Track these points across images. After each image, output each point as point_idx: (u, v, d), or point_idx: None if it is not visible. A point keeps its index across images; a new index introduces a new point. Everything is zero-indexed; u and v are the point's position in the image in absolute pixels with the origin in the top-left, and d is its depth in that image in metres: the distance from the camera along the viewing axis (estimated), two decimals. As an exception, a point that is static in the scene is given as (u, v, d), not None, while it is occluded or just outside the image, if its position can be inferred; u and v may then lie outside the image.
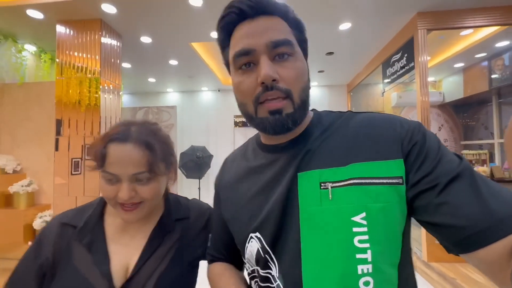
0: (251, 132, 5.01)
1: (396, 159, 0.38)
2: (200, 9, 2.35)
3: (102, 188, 0.51)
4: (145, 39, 2.99)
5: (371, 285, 0.35)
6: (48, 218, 2.59)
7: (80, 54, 2.55)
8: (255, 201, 0.46)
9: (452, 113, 4.27)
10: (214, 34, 2.86)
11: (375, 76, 3.83)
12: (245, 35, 0.41)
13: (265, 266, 0.43)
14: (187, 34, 2.91)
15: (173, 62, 3.74)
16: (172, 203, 0.63)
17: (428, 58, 2.48)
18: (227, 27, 0.43)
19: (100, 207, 0.59)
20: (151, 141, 0.52)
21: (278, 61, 0.40)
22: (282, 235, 0.42)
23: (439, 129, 4.25)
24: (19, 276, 0.53)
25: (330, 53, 3.57)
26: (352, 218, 0.37)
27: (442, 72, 3.93)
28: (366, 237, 0.36)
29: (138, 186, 0.51)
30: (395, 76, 2.98)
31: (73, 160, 2.49)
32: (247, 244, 0.46)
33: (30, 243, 2.58)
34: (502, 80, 3.06)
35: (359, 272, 0.36)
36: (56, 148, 2.52)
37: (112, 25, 2.67)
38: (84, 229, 0.54)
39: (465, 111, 4.17)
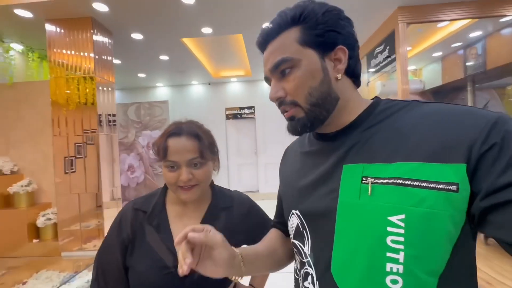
0: (243, 124, 5.16)
1: (454, 163, 0.34)
2: (192, 6, 2.40)
3: (166, 175, 0.64)
4: (136, 36, 3.00)
5: (400, 284, 0.35)
6: (52, 216, 2.65)
7: (72, 53, 2.56)
8: (300, 183, 0.50)
9: (432, 99, 4.53)
10: (206, 30, 2.93)
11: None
12: (263, 65, 0.49)
13: (301, 241, 0.48)
14: (178, 30, 2.95)
15: (164, 57, 3.76)
16: (217, 193, 0.75)
17: (409, 48, 2.67)
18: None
19: (162, 196, 0.71)
20: (199, 133, 0.66)
21: (283, 78, 0.45)
22: (320, 220, 0.44)
23: (420, 115, 4.50)
24: (107, 247, 0.68)
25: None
26: (389, 218, 0.36)
27: (422, 60, 4.16)
28: (401, 238, 0.35)
29: (193, 170, 0.64)
30: (378, 66, 3.16)
31: (69, 158, 2.54)
32: (289, 218, 0.53)
33: (35, 241, 2.65)
34: (476, 67, 3.31)
35: (387, 269, 0.36)
36: (53, 148, 2.56)
37: (103, 23, 2.68)
38: (152, 214, 0.68)
39: (444, 97, 4.44)
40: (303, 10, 0.43)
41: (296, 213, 0.50)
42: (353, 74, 0.47)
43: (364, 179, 0.40)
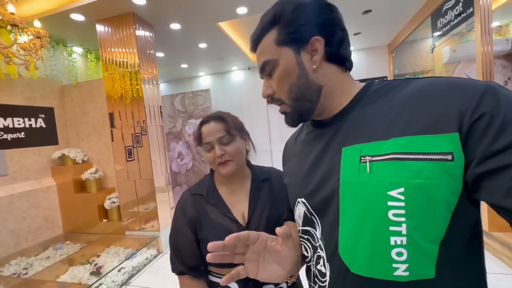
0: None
1: (447, 133, 0.34)
2: (224, -15, 2.28)
3: (206, 157, 0.77)
4: (175, 26, 3.04)
5: (405, 256, 0.37)
6: (115, 199, 2.99)
7: (119, 50, 2.73)
8: (302, 171, 0.53)
9: (523, 62, 3.59)
10: (241, 10, 2.79)
11: (422, 31, 3.36)
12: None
13: (312, 226, 0.50)
14: (214, 15, 2.87)
15: (203, 45, 3.77)
16: (256, 169, 0.87)
17: (492, -2, 2.08)
18: None
19: (211, 180, 0.85)
20: (223, 116, 0.79)
21: (270, 78, 0.50)
22: (325, 203, 0.46)
23: (505, 83, 3.64)
24: (176, 230, 0.81)
25: (367, 11, 3.22)
26: (388, 193, 0.37)
27: (511, 13, 3.27)
28: (402, 211, 0.36)
29: (224, 147, 0.75)
30: (448, 27, 2.59)
31: (126, 148, 2.78)
32: (296, 207, 0.55)
33: (104, 220, 3.04)
34: None
35: (392, 243, 0.37)
36: (112, 139, 2.83)
37: (143, 17, 2.76)
38: (208, 195, 0.81)
39: (541, 58, 3.46)
40: (277, 11, 0.46)
41: (302, 201, 0.52)
42: (337, 59, 0.47)
43: (362, 158, 0.41)
